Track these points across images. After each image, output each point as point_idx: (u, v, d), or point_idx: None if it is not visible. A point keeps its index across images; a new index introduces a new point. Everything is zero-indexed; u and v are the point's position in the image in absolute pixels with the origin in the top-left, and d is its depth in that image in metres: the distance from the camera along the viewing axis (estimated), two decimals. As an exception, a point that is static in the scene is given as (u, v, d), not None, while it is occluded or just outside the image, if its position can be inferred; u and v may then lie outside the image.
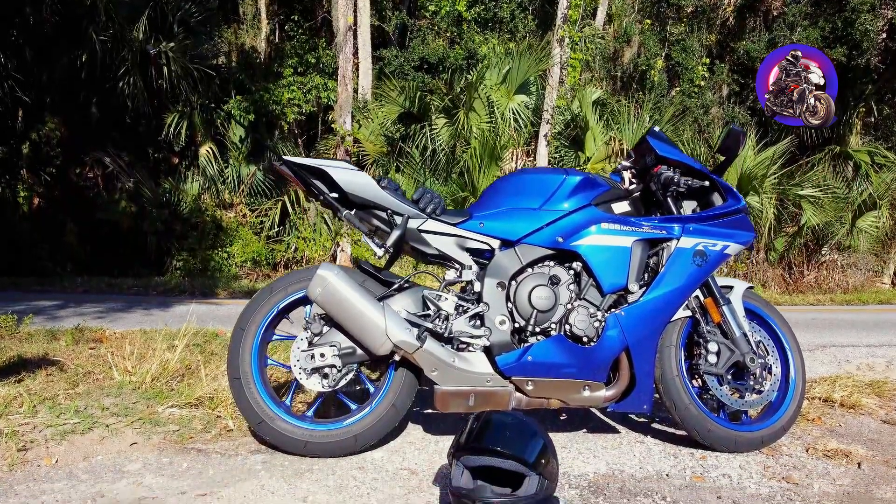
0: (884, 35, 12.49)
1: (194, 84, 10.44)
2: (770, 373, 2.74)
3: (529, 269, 2.61)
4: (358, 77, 11.23)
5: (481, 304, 2.56)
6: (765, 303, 2.87)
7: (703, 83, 12.37)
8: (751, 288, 2.82)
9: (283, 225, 11.08)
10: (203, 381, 3.13)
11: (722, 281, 2.78)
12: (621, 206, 2.73)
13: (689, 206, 2.80)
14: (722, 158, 2.79)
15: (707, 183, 2.69)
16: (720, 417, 2.67)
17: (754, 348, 2.68)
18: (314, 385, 2.52)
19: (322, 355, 2.48)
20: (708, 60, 12.61)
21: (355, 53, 11.08)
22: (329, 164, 2.60)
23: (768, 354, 2.76)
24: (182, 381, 3.27)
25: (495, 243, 2.63)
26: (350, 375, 2.55)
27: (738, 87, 13.02)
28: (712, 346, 2.65)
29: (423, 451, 2.65)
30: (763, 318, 2.81)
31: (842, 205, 12.31)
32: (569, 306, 2.55)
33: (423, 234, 2.62)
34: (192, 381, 3.23)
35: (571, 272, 2.60)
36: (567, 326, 2.53)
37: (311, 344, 2.52)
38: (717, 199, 2.75)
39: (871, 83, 13.03)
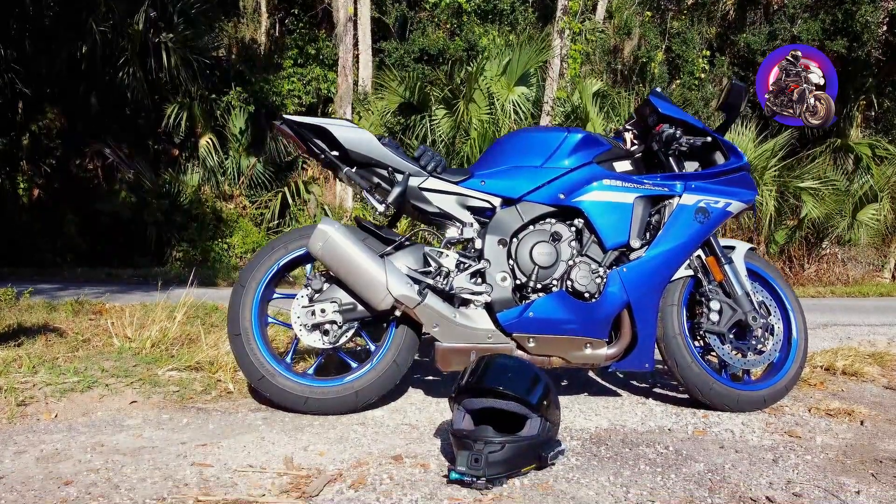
0: (884, 28, 12.49)
1: (194, 75, 10.43)
2: (772, 333, 2.73)
3: (531, 227, 2.60)
4: (358, 68, 11.23)
5: (482, 261, 2.55)
6: (767, 264, 2.86)
7: (703, 76, 12.37)
8: (753, 249, 2.81)
9: (283, 217, 11.08)
10: (203, 347, 3.12)
11: (724, 242, 2.77)
12: (623, 166, 2.72)
13: (691, 167, 2.79)
14: (724, 116, 2.78)
15: (709, 139, 2.68)
16: (722, 376, 2.66)
17: (756, 307, 2.67)
18: (315, 341, 2.50)
19: (322, 311, 2.47)
20: (708, 53, 12.61)
21: (355, 45, 11.08)
22: (330, 123, 2.59)
23: (770, 315, 2.75)
24: (182, 347, 3.26)
25: (496, 201, 2.62)
26: (350, 333, 2.54)
27: (738, 79, 13.02)
28: (714, 305, 2.64)
29: (424, 410, 2.64)
30: (765, 278, 2.80)
31: (842, 197, 12.31)
32: (570, 263, 2.54)
33: (424, 193, 2.61)
34: (193, 348, 3.22)
35: (573, 229, 2.59)
36: (569, 282, 2.52)
37: (311, 300, 2.51)
38: (719, 158, 2.74)
39: (871, 76, 13.03)
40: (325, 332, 2.50)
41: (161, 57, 10.29)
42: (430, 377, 3.20)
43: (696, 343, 2.71)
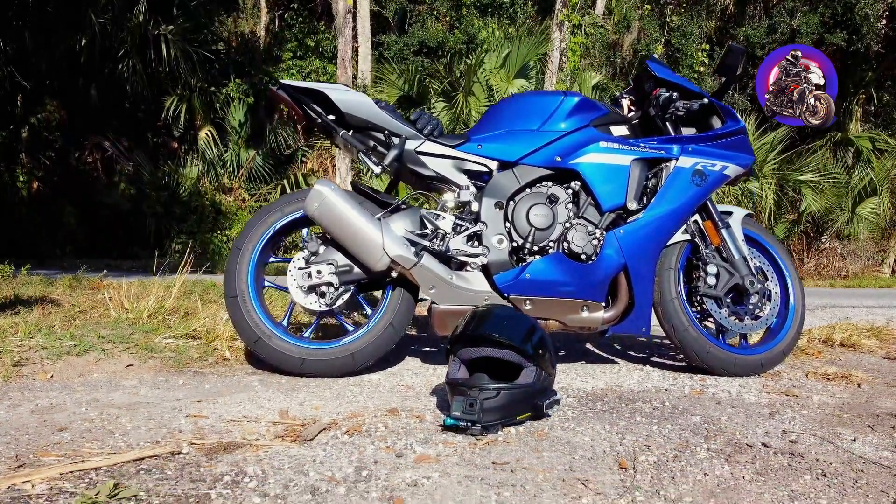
0: (884, 21, 12.49)
1: (193, 67, 10.44)
2: (769, 299, 2.73)
3: (527, 189, 2.59)
4: (357, 61, 11.23)
5: (479, 224, 2.55)
6: (764, 230, 2.86)
7: (702, 69, 12.36)
8: (750, 215, 2.81)
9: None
10: (200, 317, 3.12)
11: (721, 208, 2.76)
12: (620, 131, 2.72)
13: (688, 133, 2.78)
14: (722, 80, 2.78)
15: (706, 101, 2.67)
16: (719, 341, 2.65)
17: (753, 272, 2.67)
18: (311, 304, 2.50)
19: (319, 272, 2.47)
20: (708, 46, 12.60)
21: (354, 37, 11.08)
22: (327, 86, 2.60)
23: (768, 280, 2.74)
24: (179, 318, 3.25)
25: (493, 165, 2.61)
26: (347, 295, 2.53)
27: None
28: (711, 269, 2.64)
29: (421, 375, 2.64)
30: (763, 244, 2.80)
31: (842, 191, 12.31)
32: (567, 225, 2.54)
33: (421, 156, 2.61)
34: (190, 318, 3.22)
35: (570, 191, 2.59)
36: (565, 244, 2.52)
37: (307, 262, 2.50)
38: (716, 123, 2.74)
39: (871, 70, 13.04)
40: (322, 295, 2.50)
41: (160, 49, 10.29)
42: (428, 348, 3.20)
43: (694, 308, 2.70)
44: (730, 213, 2.75)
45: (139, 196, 10.42)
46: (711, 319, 2.71)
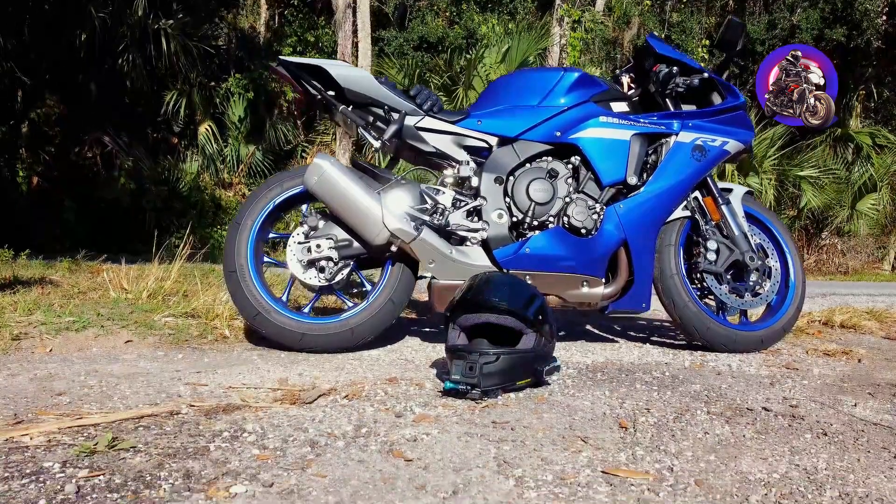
0: (884, 17, 12.49)
1: (193, 62, 10.43)
2: (769, 276, 2.72)
3: (527, 164, 2.59)
4: (357, 56, 11.22)
5: (479, 199, 2.54)
6: (764, 208, 2.86)
7: (702, 65, 12.35)
8: (750, 193, 2.81)
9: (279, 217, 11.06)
10: (199, 298, 3.11)
11: (721, 185, 2.76)
12: (620, 107, 2.71)
13: (688, 109, 2.77)
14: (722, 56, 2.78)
15: (705, 75, 2.67)
16: (719, 317, 2.65)
17: (753, 248, 2.66)
18: (310, 279, 2.49)
19: (318, 246, 2.46)
20: (708, 42, 12.60)
21: (354, 32, 11.07)
22: (326, 62, 2.59)
23: (768, 257, 2.74)
24: (179, 298, 3.24)
25: (493, 140, 2.61)
26: (346, 271, 2.52)
27: (737, 69, 13.02)
28: (711, 245, 2.63)
29: (421, 351, 2.63)
30: (763, 222, 2.79)
31: (842, 187, 12.31)
32: (567, 199, 2.53)
33: (421, 132, 2.60)
34: (189, 299, 3.21)
35: (570, 166, 2.58)
36: (565, 218, 2.51)
37: (307, 237, 2.50)
38: (716, 100, 2.74)
39: (871, 67, 13.04)
40: (321, 270, 2.49)
41: (160, 44, 10.28)
42: (428, 329, 3.19)
43: (694, 286, 2.70)
44: (730, 191, 2.75)
45: (139, 191, 10.41)
46: (711, 297, 2.71)
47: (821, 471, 1.31)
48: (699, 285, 2.70)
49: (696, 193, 2.70)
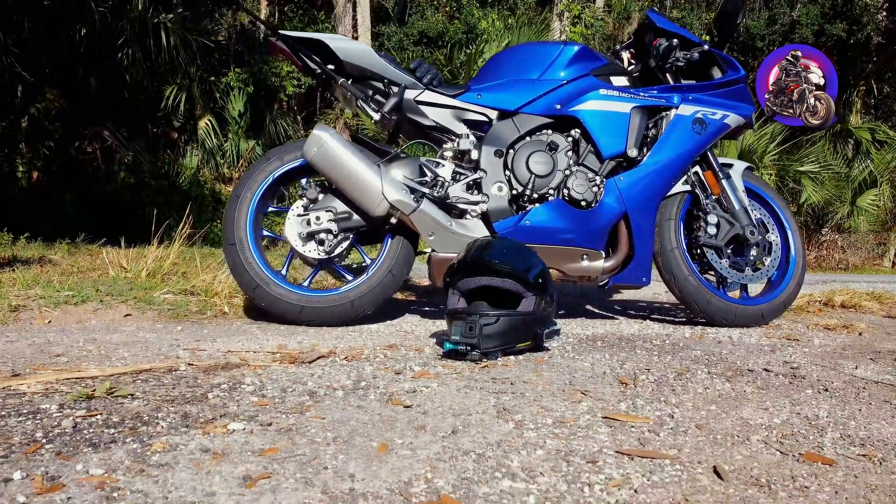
0: (884, 12, 12.49)
1: (193, 56, 10.42)
2: (770, 251, 2.72)
3: (527, 138, 2.58)
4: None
5: (478, 172, 2.53)
6: (765, 184, 2.85)
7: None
8: (750, 168, 2.80)
9: (282, 200, 11.05)
10: (199, 276, 3.10)
11: (721, 160, 2.75)
12: (620, 81, 2.71)
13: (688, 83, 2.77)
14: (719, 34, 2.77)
15: (706, 47, 2.67)
16: (720, 291, 2.64)
17: (754, 222, 2.65)
18: (310, 251, 2.49)
19: (318, 219, 2.46)
20: (708, 38, 12.60)
21: (354, 27, 11.08)
22: (325, 35, 2.58)
23: (768, 232, 2.73)
24: (178, 277, 3.24)
25: (493, 114, 2.60)
26: (346, 244, 2.52)
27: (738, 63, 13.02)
28: (712, 219, 2.63)
29: (421, 325, 2.62)
30: (763, 198, 2.79)
31: (842, 183, 12.30)
32: (567, 172, 2.53)
33: (421, 106, 2.59)
34: (189, 278, 3.20)
35: (570, 139, 2.58)
36: (565, 191, 2.50)
37: (306, 209, 2.49)
38: (716, 74, 2.73)
39: (870, 62, 13.04)
40: (321, 242, 2.48)
41: (160, 38, 10.27)
42: (428, 308, 3.18)
43: (695, 262, 2.69)
44: (730, 165, 2.74)
45: (139, 185, 10.41)
46: (712, 273, 2.70)
47: (822, 418, 1.30)
48: (699, 261, 2.69)
49: (696, 168, 2.70)
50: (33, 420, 1.11)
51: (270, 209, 2.64)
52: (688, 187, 2.67)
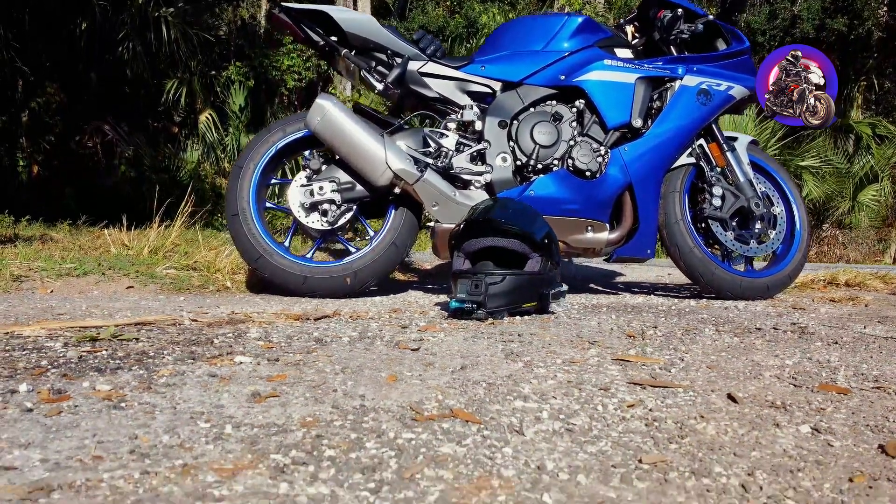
0: (885, 7, 12.48)
1: (194, 50, 10.41)
2: (775, 225, 2.70)
3: (531, 109, 2.57)
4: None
5: (482, 143, 2.52)
6: (769, 157, 2.84)
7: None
8: (755, 142, 2.79)
9: (282, 197, 11.04)
10: (202, 252, 3.09)
11: (726, 133, 2.74)
12: (624, 54, 2.69)
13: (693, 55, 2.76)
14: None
15: (710, 19, 2.66)
16: (725, 264, 2.63)
17: (759, 195, 2.64)
18: (313, 222, 2.47)
19: (321, 189, 2.44)
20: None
21: (355, 21, 11.06)
22: (328, 7, 2.57)
23: (773, 206, 2.72)
24: (180, 254, 3.23)
25: (497, 86, 2.59)
26: (349, 215, 2.50)
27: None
28: (717, 191, 2.61)
29: (424, 298, 2.61)
30: (768, 171, 2.78)
31: (843, 178, 12.29)
32: (571, 142, 2.51)
33: (424, 77, 2.58)
34: (191, 255, 3.19)
35: (574, 110, 2.56)
36: (570, 161, 2.49)
37: (309, 180, 2.48)
38: (720, 46, 2.72)
39: (871, 58, 13.03)
40: (324, 213, 2.47)
41: (161, 32, 10.26)
42: (431, 285, 3.17)
43: (700, 236, 2.67)
44: (735, 139, 2.73)
45: (139, 179, 10.39)
46: (717, 247, 2.69)
47: (833, 362, 1.29)
48: (704, 234, 2.68)
49: (701, 141, 2.68)
50: (38, 353, 1.10)
51: (273, 181, 2.63)
52: (692, 160, 2.66)
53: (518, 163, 2.52)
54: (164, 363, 1.06)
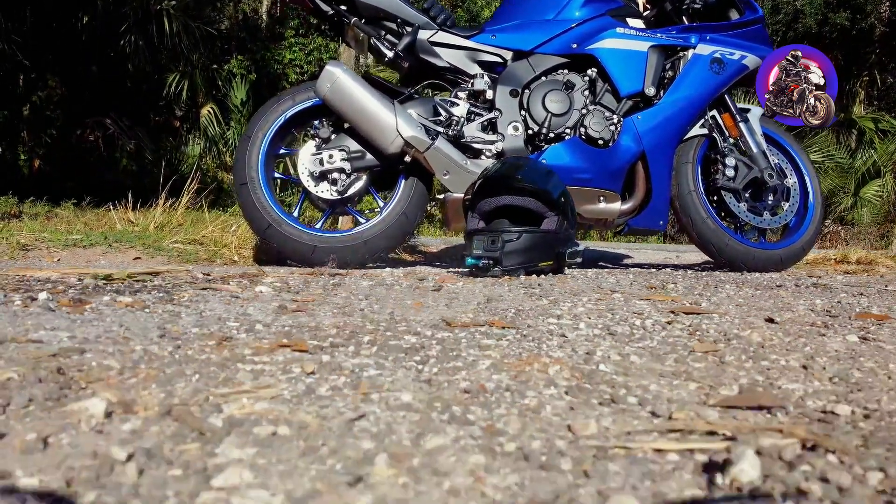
0: (887, 2, 12.47)
1: (196, 43, 10.39)
2: (788, 197, 2.67)
3: (543, 77, 2.54)
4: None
5: (494, 111, 2.49)
6: (783, 130, 2.81)
7: None
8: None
9: (284, 189, 11.01)
10: (208, 228, 3.07)
11: (739, 105, 2.71)
12: (636, 23, 2.66)
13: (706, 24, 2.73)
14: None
15: (723, -13, 2.63)
16: (738, 235, 2.60)
17: (772, 166, 2.61)
18: (322, 192, 2.44)
19: (331, 157, 2.41)
20: None
21: (357, 15, 11.05)
22: (338, -24, 2.55)
23: (787, 178, 2.69)
24: (185, 230, 3.20)
25: (508, 55, 2.56)
26: (359, 184, 2.47)
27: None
28: (730, 161, 2.58)
29: (435, 270, 2.58)
30: (781, 144, 2.75)
31: (846, 173, 12.27)
32: (584, 111, 2.48)
33: (434, 47, 2.55)
34: (197, 231, 3.16)
35: (586, 79, 2.53)
36: (582, 129, 2.46)
37: (319, 149, 2.45)
38: (734, 16, 2.69)
39: (874, 53, 13.01)
40: (333, 182, 2.44)
41: (163, 25, 10.24)
42: (439, 263, 3.14)
43: (713, 208, 2.64)
44: (748, 110, 2.70)
45: (140, 173, 10.37)
46: (729, 220, 2.66)
47: (863, 304, 1.26)
48: (717, 206, 2.65)
49: (714, 112, 2.65)
50: (54, 284, 1.07)
51: (282, 151, 2.60)
52: (705, 131, 2.63)
53: (529, 131, 2.49)
54: (184, 291, 1.03)
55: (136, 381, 0.46)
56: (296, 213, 2.55)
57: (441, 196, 2.55)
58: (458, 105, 2.48)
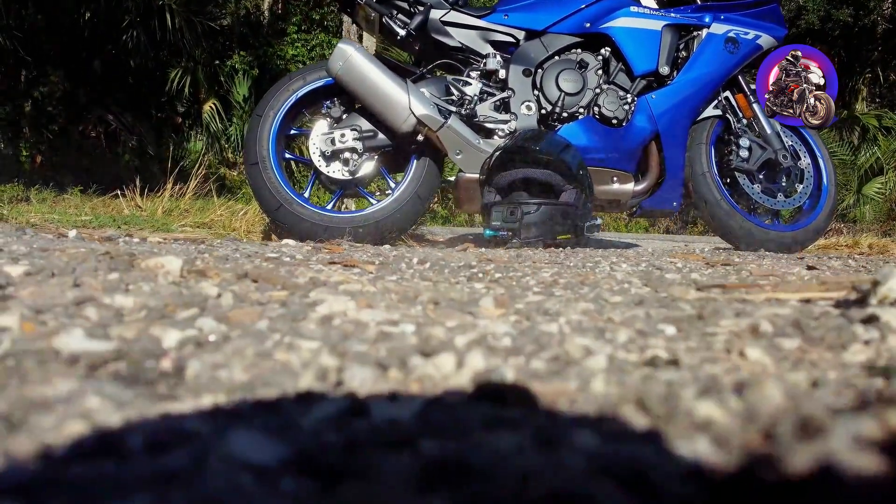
0: (890, 0, 12.44)
1: (198, 38, 10.37)
2: (801, 179, 2.66)
3: (556, 57, 2.53)
4: (362, 35, 11.17)
5: (507, 91, 2.48)
6: (796, 112, 2.79)
7: None
8: (781, 96, 2.74)
9: (292, 175, 11.00)
10: (217, 212, 3.05)
11: (753, 86, 2.70)
12: (649, 3, 2.65)
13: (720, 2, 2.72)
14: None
15: (738, -35, 2.62)
16: (752, 216, 2.58)
17: (786, 147, 2.60)
18: (334, 172, 2.43)
19: (342, 136, 2.40)
20: None
21: (360, 10, 11.03)
22: (349, -44, 2.53)
23: (800, 159, 2.68)
24: (193, 215, 3.18)
25: (520, 34, 2.55)
26: (371, 165, 2.46)
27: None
28: (744, 142, 2.57)
29: (448, 256, 2.56)
30: (795, 126, 2.73)
31: (848, 170, 12.25)
32: (597, 90, 2.47)
33: (446, 26, 2.54)
34: (205, 215, 3.15)
35: (600, 58, 2.52)
36: (596, 109, 2.45)
37: (331, 128, 2.43)
38: (748, -3, 2.68)
39: (876, 50, 13.00)
40: (345, 162, 2.42)
41: (165, 21, 10.22)
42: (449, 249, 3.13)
43: (727, 189, 2.63)
44: (761, 91, 2.68)
45: (143, 168, 10.34)
46: (742, 202, 2.64)
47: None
48: (731, 188, 2.63)
49: (727, 93, 2.64)
50: (82, 241, 1.05)
51: (293, 131, 2.58)
52: (719, 112, 2.62)
53: (543, 111, 2.48)
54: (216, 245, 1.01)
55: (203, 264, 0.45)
56: (307, 193, 2.54)
57: (452, 178, 2.53)
58: (470, 85, 2.46)
